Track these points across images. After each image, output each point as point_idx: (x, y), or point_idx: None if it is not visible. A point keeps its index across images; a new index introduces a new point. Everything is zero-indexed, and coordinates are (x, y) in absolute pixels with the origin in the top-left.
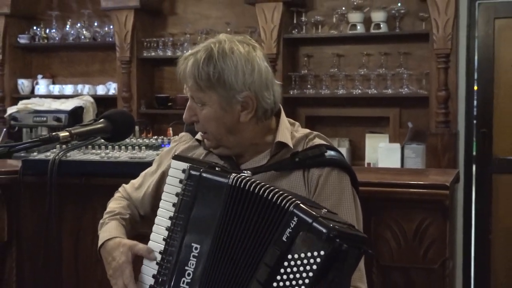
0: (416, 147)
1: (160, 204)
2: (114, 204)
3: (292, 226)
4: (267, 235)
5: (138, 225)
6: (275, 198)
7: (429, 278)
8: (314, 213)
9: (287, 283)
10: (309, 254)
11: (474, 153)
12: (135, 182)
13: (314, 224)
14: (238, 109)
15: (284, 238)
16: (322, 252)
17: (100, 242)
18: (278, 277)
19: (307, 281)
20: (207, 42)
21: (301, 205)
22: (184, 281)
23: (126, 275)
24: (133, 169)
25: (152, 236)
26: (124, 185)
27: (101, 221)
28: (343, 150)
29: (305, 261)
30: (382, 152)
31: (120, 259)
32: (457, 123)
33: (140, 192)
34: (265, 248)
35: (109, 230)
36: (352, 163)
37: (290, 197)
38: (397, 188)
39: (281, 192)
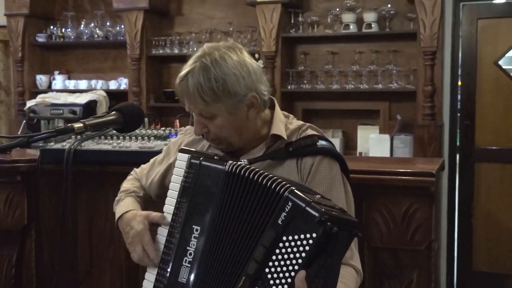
0: (404, 138)
1: (168, 193)
2: (128, 184)
3: (287, 210)
4: (263, 219)
5: (150, 205)
6: (269, 183)
7: (416, 259)
8: (307, 198)
9: (282, 262)
10: (302, 236)
11: (458, 143)
12: (145, 167)
13: (307, 208)
14: (245, 110)
15: (279, 221)
16: (314, 235)
17: (117, 216)
18: (274, 257)
19: (300, 261)
20: (196, 58)
21: (295, 191)
22: (186, 260)
23: (146, 240)
24: (143, 158)
25: None
26: (135, 169)
27: (116, 198)
28: (337, 141)
29: (298, 243)
30: (373, 143)
31: (138, 227)
32: (442, 116)
33: (149, 178)
34: (261, 230)
35: (126, 205)
36: (345, 152)
37: (284, 183)
38: (387, 176)
39: (275, 178)
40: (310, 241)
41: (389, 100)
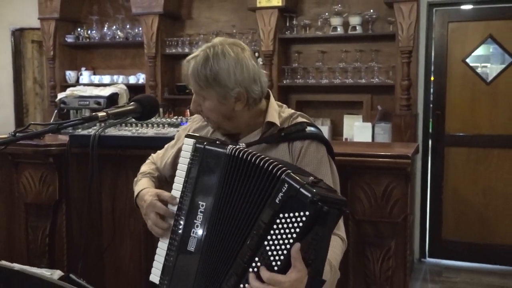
0: (384, 126)
1: (176, 173)
2: (145, 167)
3: (283, 191)
4: (262, 197)
5: (165, 184)
6: (266, 165)
7: (394, 229)
8: (301, 180)
9: (279, 236)
10: (296, 214)
11: (430, 130)
12: (160, 152)
13: (301, 189)
14: (232, 101)
15: (277, 201)
16: (307, 213)
17: (135, 193)
18: (272, 232)
19: (295, 235)
20: (205, 46)
21: (291, 173)
22: (193, 231)
23: (158, 206)
24: (158, 143)
25: None
26: (152, 154)
27: (135, 179)
28: (326, 128)
29: (293, 219)
30: (357, 130)
31: (149, 198)
32: (417, 106)
33: (163, 161)
34: (261, 208)
35: (142, 184)
36: (333, 138)
37: (281, 166)
38: (369, 158)
39: (271, 160)
40: (304, 218)
41: (371, 93)
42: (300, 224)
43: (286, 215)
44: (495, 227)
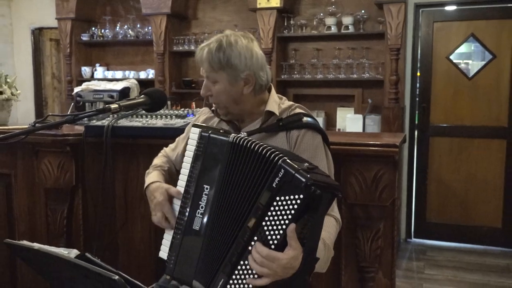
0: (374, 117)
1: (184, 159)
2: (157, 160)
3: (280, 176)
4: (260, 181)
5: (174, 175)
6: (264, 152)
7: (383, 212)
8: (296, 166)
9: (276, 217)
10: (292, 197)
11: (416, 121)
12: (172, 145)
13: (296, 174)
14: (242, 84)
15: (274, 185)
16: (301, 196)
17: (145, 185)
18: (269, 213)
19: (290, 216)
20: (217, 36)
21: (287, 160)
22: (198, 211)
23: (166, 209)
24: (166, 133)
25: (179, 182)
26: (165, 147)
27: (147, 171)
28: (320, 119)
29: (289, 202)
30: (349, 121)
31: (160, 197)
32: (404, 100)
33: (175, 153)
34: (259, 191)
35: (152, 177)
36: (327, 128)
37: (278, 152)
38: (360, 147)
39: (269, 148)
40: (298, 201)
41: (362, 87)
42: (295, 206)
43: (282, 198)
44: (475, 210)
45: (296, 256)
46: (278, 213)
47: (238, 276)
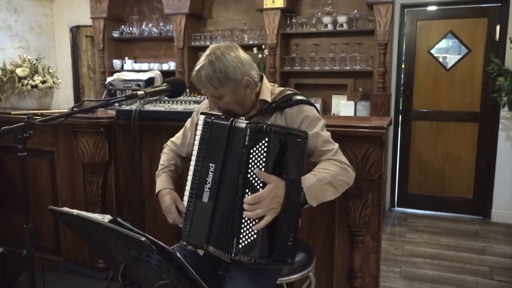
0: (364, 104)
1: (195, 142)
2: (164, 157)
3: (248, 134)
4: (242, 147)
5: (180, 168)
6: (245, 125)
7: (371, 185)
8: (257, 124)
9: (255, 166)
10: (260, 144)
11: (401, 107)
12: (178, 135)
13: (257, 126)
14: (243, 89)
15: (246, 143)
16: (266, 139)
17: (156, 190)
18: (249, 166)
19: (264, 159)
20: (205, 56)
21: (251, 123)
22: (206, 186)
23: (172, 213)
24: (185, 116)
25: (191, 162)
26: (171, 139)
27: (157, 172)
28: (318, 105)
29: (260, 149)
30: (342, 106)
31: (167, 202)
32: (390, 88)
33: (185, 142)
34: (244, 155)
35: (162, 181)
36: (323, 113)
37: (252, 122)
38: (352, 129)
39: (255, 123)
40: (266, 144)
41: (354, 77)
42: (265, 149)
43: (254, 148)
44: (450, 183)
45: (275, 186)
46: (256, 160)
47: (245, 229)
